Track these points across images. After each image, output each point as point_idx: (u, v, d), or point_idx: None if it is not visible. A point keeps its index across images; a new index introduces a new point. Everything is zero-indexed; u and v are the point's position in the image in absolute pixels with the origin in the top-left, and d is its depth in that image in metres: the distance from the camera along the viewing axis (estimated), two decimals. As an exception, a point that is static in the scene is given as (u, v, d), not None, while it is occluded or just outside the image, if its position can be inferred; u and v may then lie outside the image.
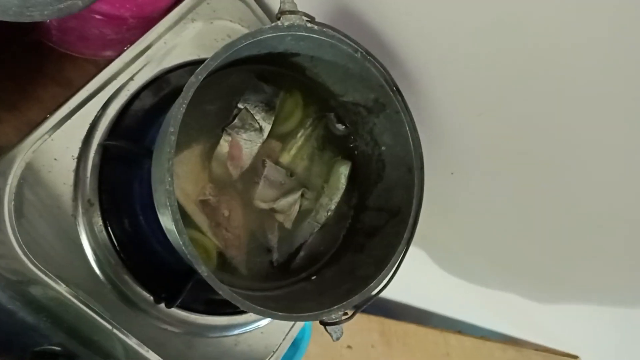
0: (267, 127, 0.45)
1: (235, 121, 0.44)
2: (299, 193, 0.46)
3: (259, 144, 0.45)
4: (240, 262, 0.45)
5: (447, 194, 0.61)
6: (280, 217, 0.46)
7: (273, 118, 0.45)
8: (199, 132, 0.43)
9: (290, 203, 0.46)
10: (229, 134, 0.44)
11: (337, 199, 0.48)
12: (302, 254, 0.48)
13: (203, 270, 0.34)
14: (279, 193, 0.46)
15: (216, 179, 0.44)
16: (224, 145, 0.44)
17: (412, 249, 0.44)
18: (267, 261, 0.47)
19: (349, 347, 0.82)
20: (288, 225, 0.46)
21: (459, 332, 0.89)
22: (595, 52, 0.36)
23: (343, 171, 0.48)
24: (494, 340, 0.89)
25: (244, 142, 0.44)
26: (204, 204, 0.43)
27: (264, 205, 0.46)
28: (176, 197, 0.33)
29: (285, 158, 0.47)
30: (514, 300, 0.76)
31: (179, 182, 0.42)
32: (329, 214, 0.48)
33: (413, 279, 0.81)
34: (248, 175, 0.46)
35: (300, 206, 0.47)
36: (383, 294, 0.43)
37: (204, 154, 0.44)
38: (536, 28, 0.37)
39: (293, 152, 0.47)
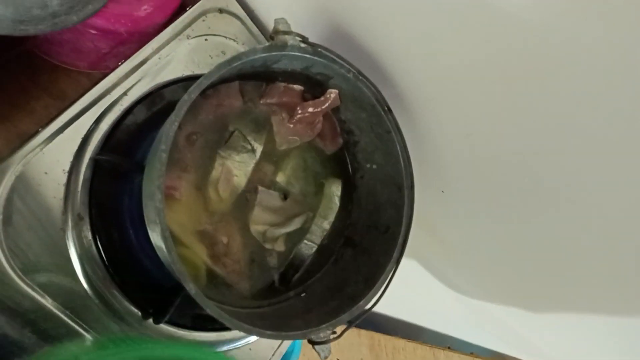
0: (259, 148, 0.45)
1: (228, 143, 0.44)
2: (288, 230, 0.46)
3: (252, 165, 0.45)
4: (243, 287, 0.45)
5: (437, 211, 0.61)
6: (268, 245, 0.46)
7: (264, 138, 0.46)
8: (191, 159, 0.43)
9: (280, 234, 0.46)
10: (223, 157, 0.44)
11: (331, 218, 0.48)
12: (299, 273, 0.48)
13: (191, 288, 0.34)
14: (274, 217, 0.46)
15: (212, 205, 0.44)
16: (218, 170, 0.44)
17: (402, 264, 0.44)
18: (268, 282, 0.47)
19: (338, 360, 0.82)
20: (280, 248, 0.46)
21: (449, 348, 0.90)
22: (588, 73, 0.36)
23: (335, 190, 0.49)
24: (483, 357, 0.90)
25: (238, 165, 0.44)
26: (201, 233, 0.43)
27: (260, 229, 0.46)
28: (173, 230, 0.33)
29: (281, 177, 0.47)
30: (504, 316, 0.76)
31: (173, 215, 0.41)
32: (324, 233, 0.48)
33: (403, 293, 0.81)
34: (243, 199, 0.46)
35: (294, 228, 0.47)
36: (373, 309, 0.43)
37: (198, 183, 0.44)
38: (526, 50, 0.38)
39: (288, 171, 0.47)
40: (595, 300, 0.59)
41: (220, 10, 0.52)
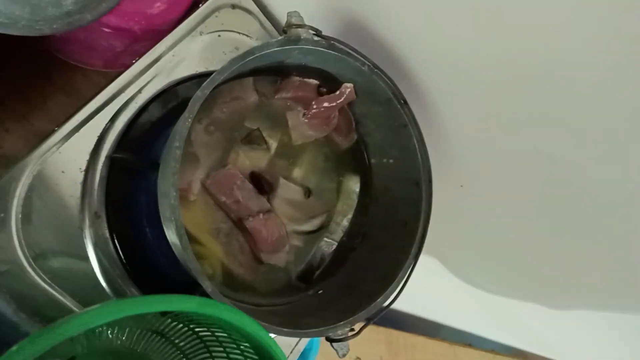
0: (274, 145, 0.45)
1: (245, 140, 0.44)
2: (307, 228, 0.46)
3: (266, 161, 0.45)
4: (259, 284, 0.44)
5: (456, 206, 0.60)
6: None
7: (280, 133, 0.45)
8: (205, 156, 0.43)
9: (298, 230, 0.45)
10: (236, 153, 0.43)
11: (350, 215, 0.47)
12: (318, 271, 0.47)
13: (207, 286, 0.34)
14: (294, 212, 0.46)
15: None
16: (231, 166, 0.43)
17: (421, 260, 0.43)
18: (285, 279, 0.46)
19: (358, 358, 0.81)
20: (298, 244, 0.46)
21: (469, 345, 0.88)
22: (608, 67, 0.35)
23: (353, 187, 0.48)
24: (503, 354, 0.88)
25: (251, 160, 0.44)
26: (216, 231, 0.43)
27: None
28: (188, 228, 0.32)
29: (298, 173, 0.47)
30: (523, 313, 0.75)
31: (189, 213, 0.41)
32: (344, 231, 0.47)
33: (422, 290, 0.81)
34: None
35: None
36: (391, 306, 0.42)
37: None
38: (544, 44, 0.37)
39: (304, 167, 0.47)
40: (618, 299, 0.58)
41: (233, 6, 0.51)
